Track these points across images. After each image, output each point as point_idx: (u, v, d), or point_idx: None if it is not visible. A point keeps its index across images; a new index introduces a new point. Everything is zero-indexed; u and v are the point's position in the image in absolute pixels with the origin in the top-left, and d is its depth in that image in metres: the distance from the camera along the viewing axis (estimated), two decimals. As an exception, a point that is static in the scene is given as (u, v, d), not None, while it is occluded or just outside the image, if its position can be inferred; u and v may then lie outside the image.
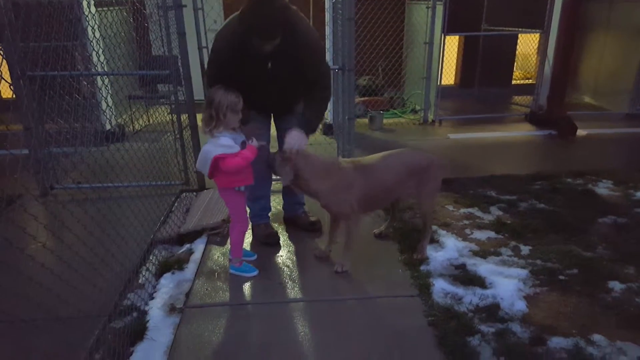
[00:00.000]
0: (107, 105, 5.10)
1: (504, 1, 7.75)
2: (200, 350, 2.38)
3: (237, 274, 3.06)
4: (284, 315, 2.67)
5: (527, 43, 7.98)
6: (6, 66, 3.92)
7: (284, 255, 3.31)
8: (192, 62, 4.05)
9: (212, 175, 2.81)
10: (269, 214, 3.59)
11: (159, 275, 3.02)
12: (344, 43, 4.07)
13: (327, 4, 5.90)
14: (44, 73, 3.93)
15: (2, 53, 3.74)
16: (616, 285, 2.85)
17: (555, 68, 6.38)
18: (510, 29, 7.47)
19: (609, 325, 2.52)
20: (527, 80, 8.73)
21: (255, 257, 3.25)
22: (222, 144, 2.70)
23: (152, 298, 2.79)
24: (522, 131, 6.46)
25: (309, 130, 2.92)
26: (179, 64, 4.06)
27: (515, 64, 8.57)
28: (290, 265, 3.17)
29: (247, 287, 2.96)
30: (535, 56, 7.47)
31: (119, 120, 6.00)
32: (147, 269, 3.04)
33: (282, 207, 3.75)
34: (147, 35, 5.06)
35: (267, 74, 2.80)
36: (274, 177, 3.58)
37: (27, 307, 2.04)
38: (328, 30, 5.73)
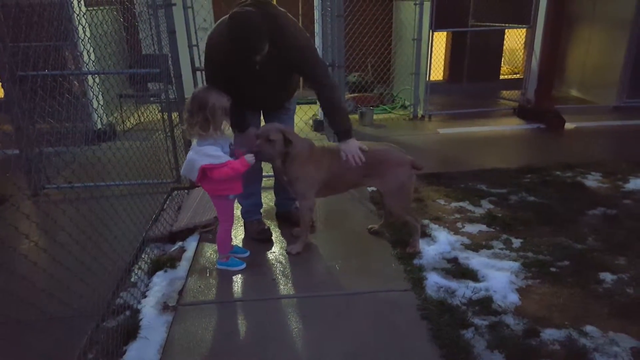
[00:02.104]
0: (98, 104, 5.07)
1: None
2: (194, 348, 2.38)
3: (225, 269, 3.07)
4: (278, 311, 2.67)
5: (514, 38, 8.04)
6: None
7: (277, 251, 3.30)
8: (183, 60, 4.03)
9: (200, 182, 2.80)
10: (261, 210, 3.59)
11: (151, 273, 3.01)
12: (333, 40, 4.09)
13: (315, 1, 5.90)
14: (35, 73, 3.89)
15: None
16: (607, 276, 2.88)
17: (542, 62, 6.45)
18: (497, 24, 7.52)
19: (601, 316, 2.54)
20: (514, 75, 8.81)
21: (248, 254, 3.24)
22: (208, 154, 2.67)
23: (145, 296, 2.78)
24: (511, 125, 6.51)
25: (348, 132, 2.94)
26: (169, 62, 4.04)
27: (502, 58, 8.63)
28: (283, 262, 3.17)
29: (240, 283, 2.95)
30: (523, 51, 7.53)
31: (110, 119, 5.95)
32: (140, 268, 3.03)
33: (274, 204, 3.75)
34: (137, 34, 5.02)
35: (255, 75, 2.83)
36: (264, 173, 3.59)
37: (20, 307, 2.03)
38: (317, 27, 5.73)
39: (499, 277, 2.87)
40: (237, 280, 2.98)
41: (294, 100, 3.33)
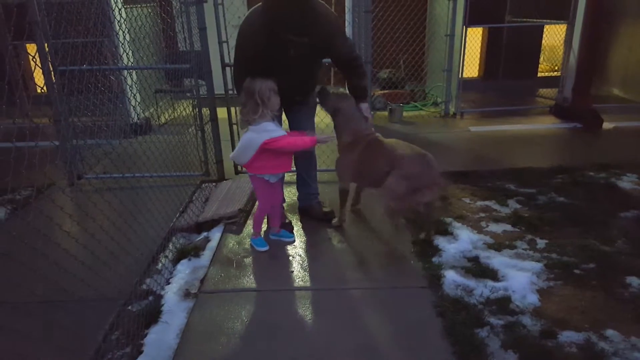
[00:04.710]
0: (134, 98, 5.26)
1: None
2: (212, 334, 2.46)
3: (253, 247, 3.28)
4: (294, 302, 2.73)
5: (554, 34, 7.78)
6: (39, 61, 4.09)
7: (297, 244, 3.36)
8: (213, 56, 4.14)
9: (251, 162, 2.97)
10: (284, 205, 3.65)
11: (176, 261, 3.12)
12: (360, 35, 4.10)
13: (347, 1, 5.92)
14: (74, 68, 4.08)
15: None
16: (634, 281, 2.79)
17: (580, 59, 6.22)
18: (535, 20, 7.31)
19: (624, 321, 2.47)
20: (554, 73, 8.54)
21: (293, 238, 3.39)
22: (266, 129, 2.86)
23: (168, 283, 2.89)
24: (546, 124, 6.32)
25: (364, 95, 3.20)
26: (200, 58, 4.15)
27: (541, 55, 8.38)
28: (302, 255, 3.22)
29: (259, 274, 3.03)
30: (563, 48, 7.30)
31: (146, 114, 6.16)
32: (165, 256, 3.15)
33: (297, 198, 3.81)
34: (173, 31, 5.18)
35: (287, 60, 2.89)
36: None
37: (53, 290, 2.19)
38: (349, 28, 5.75)
39: (519, 277, 2.83)
40: (257, 271, 3.06)
41: (315, 95, 3.37)
